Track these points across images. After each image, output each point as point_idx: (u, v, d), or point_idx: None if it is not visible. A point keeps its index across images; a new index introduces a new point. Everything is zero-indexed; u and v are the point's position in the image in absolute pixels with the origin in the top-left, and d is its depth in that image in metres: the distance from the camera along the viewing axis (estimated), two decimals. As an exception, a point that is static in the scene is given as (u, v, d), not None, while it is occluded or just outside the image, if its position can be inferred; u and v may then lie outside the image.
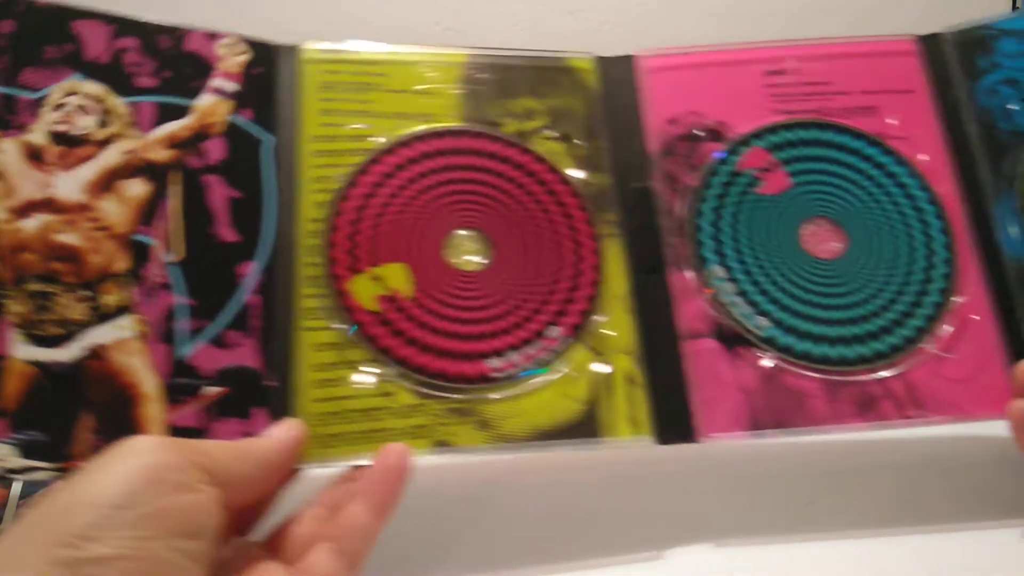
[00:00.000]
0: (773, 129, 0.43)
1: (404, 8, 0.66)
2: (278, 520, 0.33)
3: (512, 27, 0.68)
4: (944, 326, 0.40)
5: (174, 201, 0.37)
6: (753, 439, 0.38)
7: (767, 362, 0.39)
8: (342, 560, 0.31)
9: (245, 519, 0.33)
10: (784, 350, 0.39)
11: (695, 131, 0.43)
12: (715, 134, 0.43)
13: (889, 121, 0.44)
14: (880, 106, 0.44)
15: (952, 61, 0.44)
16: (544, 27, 0.68)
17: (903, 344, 0.39)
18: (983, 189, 0.42)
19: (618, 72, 0.44)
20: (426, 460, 0.35)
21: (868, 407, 0.38)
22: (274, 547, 0.32)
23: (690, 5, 0.70)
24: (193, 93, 0.38)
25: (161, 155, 0.37)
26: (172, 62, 0.38)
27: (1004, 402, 0.38)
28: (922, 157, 0.43)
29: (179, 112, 0.38)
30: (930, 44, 0.45)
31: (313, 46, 0.41)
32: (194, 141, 0.38)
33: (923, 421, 0.38)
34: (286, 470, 0.33)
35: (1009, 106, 0.43)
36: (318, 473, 0.35)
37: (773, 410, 0.38)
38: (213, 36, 0.39)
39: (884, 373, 0.39)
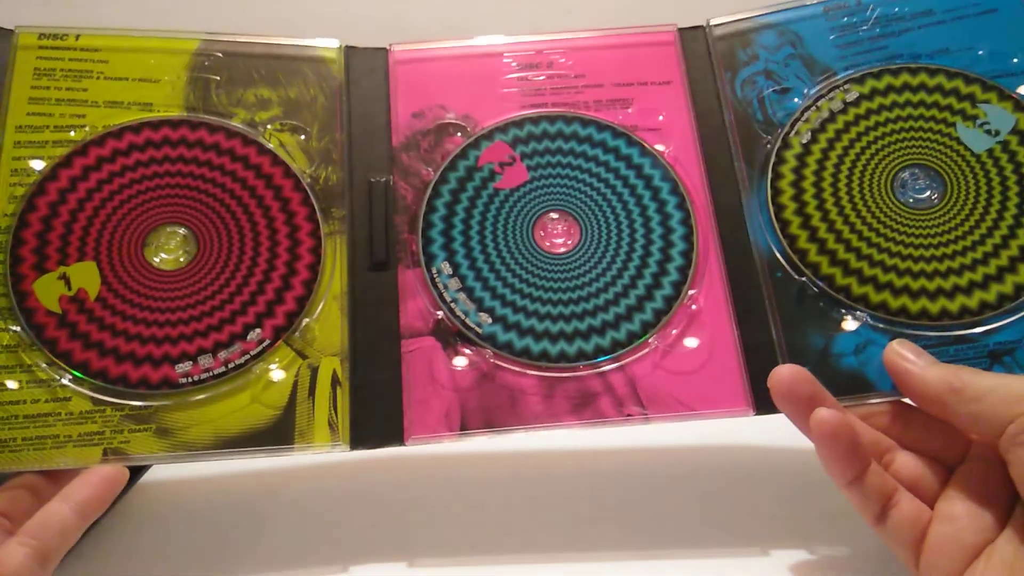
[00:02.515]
0: (518, 123, 0.42)
1: (409, 6, 0.64)
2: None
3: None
4: (674, 321, 0.38)
5: None
6: (459, 440, 0.36)
7: (483, 361, 0.37)
8: (35, 557, 0.30)
9: None
10: (503, 347, 0.37)
11: (439, 124, 0.42)
12: (459, 128, 0.42)
13: (641, 113, 0.42)
14: (634, 98, 0.43)
15: (713, 52, 0.43)
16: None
17: (627, 339, 0.38)
18: (736, 181, 0.41)
19: (366, 63, 0.43)
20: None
21: (585, 404, 0.37)
22: None
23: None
24: None
25: None
26: None
27: (733, 401, 0.37)
28: (671, 148, 0.42)
29: None
30: (690, 36, 0.44)
31: (31, 30, 0.40)
32: None
33: (643, 420, 0.36)
34: None
35: (764, 94, 0.42)
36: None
37: (485, 409, 0.36)
38: None
39: (605, 369, 0.37)
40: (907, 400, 0.35)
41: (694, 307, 0.38)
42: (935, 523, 0.32)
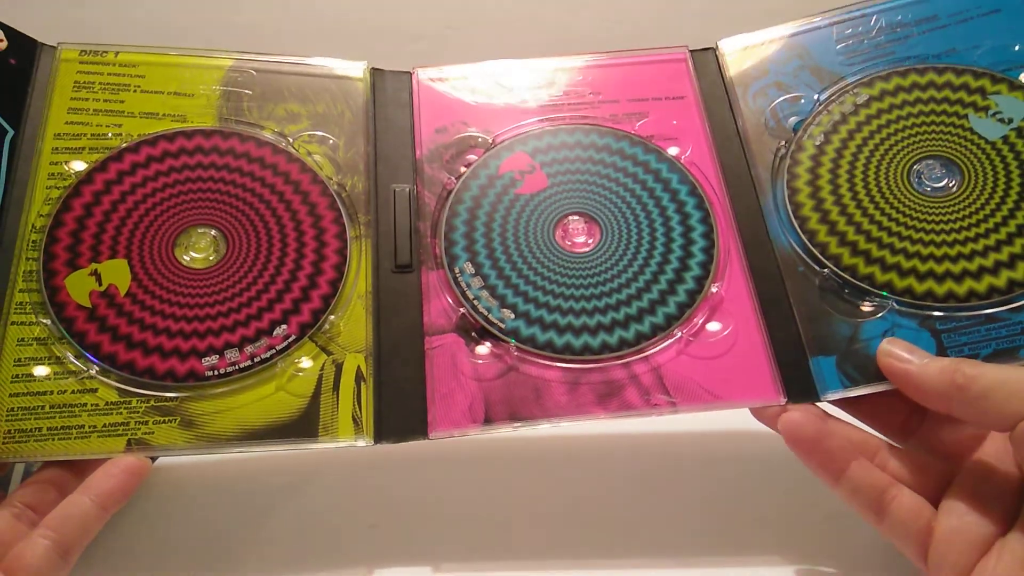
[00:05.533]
0: (537, 135, 0.43)
1: (416, 8, 0.66)
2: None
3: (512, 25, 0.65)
4: (699, 314, 0.38)
5: None
6: (483, 433, 0.35)
7: (507, 354, 0.37)
8: (55, 550, 0.30)
9: None
10: (526, 341, 0.37)
11: (460, 137, 0.43)
12: (480, 141, 0.43)
13: (656, 123, 0.44)
14: (649, 111, 0.44)
15: (723, 69, 0.45)
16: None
17: (651, 331, 0.37)
18: (753, 182, 0.41)
19: (392, 84, 0.45)
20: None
21: (611, 395, 0.36)
22: None
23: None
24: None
25: None
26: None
27: (764, 389, 0.36)
28: (687, 154, 0.42)
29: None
30: (701, 56, 0.46)
31: (73, 46, 0.42)
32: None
33: (671, 409, 0.36)
34: None
35: (775, 104, 0.43)
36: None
37: (510, 401, 0.36)
38: None
39: (629, 360, 0.37)
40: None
41: (715, 289, 0.38)
42: (942, 516, 0.32)
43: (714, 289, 0.38)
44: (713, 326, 0.37)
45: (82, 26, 0.49)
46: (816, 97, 0.42)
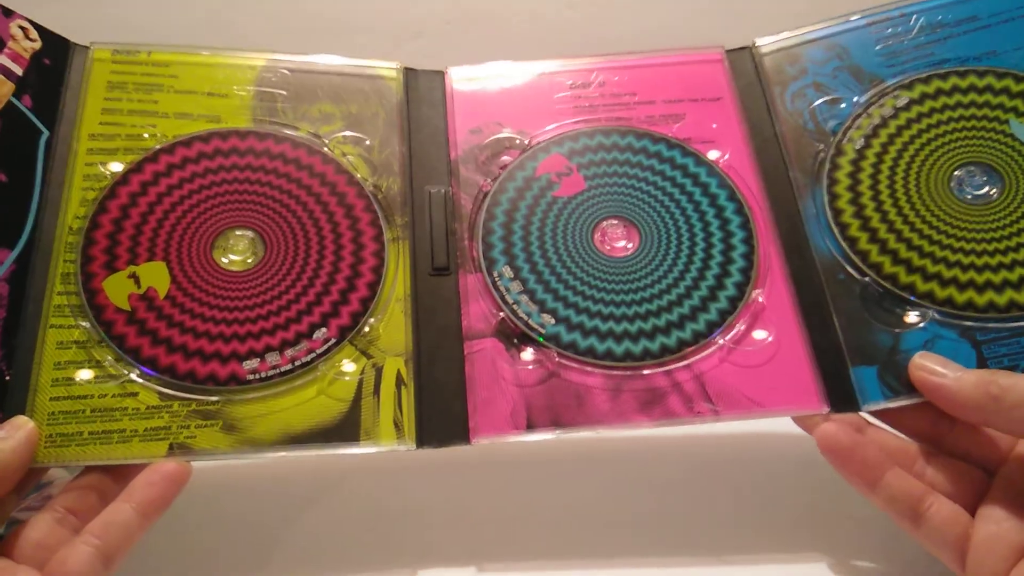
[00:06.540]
0: (573, 136, 0.43)
1: (415, 3, 0.64)
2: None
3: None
4: (740, 321, 0.38)
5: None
6: (525, 439, 0.35)
7: (548, 360, 0.37)
8: (98, 556, 0.30)
9: None
10: (567, 347, 0.37)
11: (495, 139, 0.43)
12: (515, 143, 0.43)
13: (694, 125, 0.43)
14: (686, 113, 0.44)
15: (761, 70, 0.44)
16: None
17: (692, 339, 0.37)
18: (792, 187, 0.41)
19: (424, 84, 0.44)
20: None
21: (653, 403, 0.36)
22: (9, 552, 0.30)
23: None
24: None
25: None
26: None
27: (806, 398, 0.36)
28: (726, 158, 0.42)
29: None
30: (737, 56, 0.45)
31: (106, 46, 0.41)
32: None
33: (714, 418, 0.36)
34: (21, 472, 0.32)
35: (814, 105, 0.43)
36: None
37: (552, 408, 0.36)
38: (8, 13, 0.39)
39: (671, 367, 0.37)
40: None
41: (758, 297, 0.38)
42: (979, 523, 0.32)
43: (756, 296, 0.38)
44: (758, 334, 0.37)
45: (102, 25, 0.48)
46: (855, 99, 0.42)
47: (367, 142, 0.42)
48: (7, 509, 0.32)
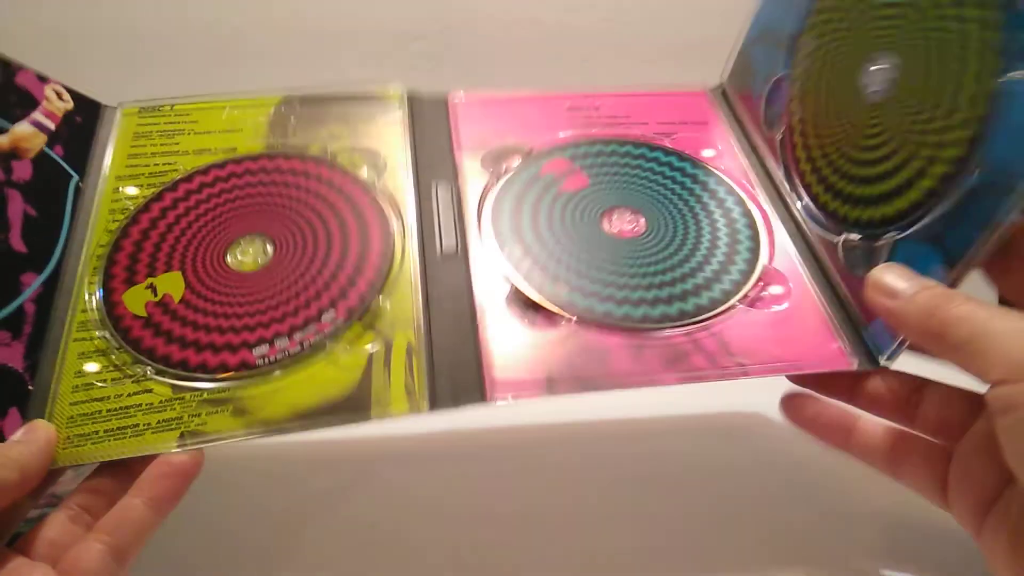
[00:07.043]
0: (575, 144, 0.45)
1: (415, 8, 0.66)
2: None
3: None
4: (756, 289, 0.37)
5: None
6: (546, 398, 0.33)
7: (566, 324, 0.36)
8: (111, 554, 0.29)
9: None
10: (585, 311, 0.36)
11: (500, 146, 0.44)
12: (519, 150, 0.44)
13: (686, 141, 0.45)
14: (678, 132, 0.46)
15: (733, 103, 0.47)
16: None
17: (709, 304, 0.37)
18: (779, 185, 0.42)
19: (428, 108, 0.46)
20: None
21: (678, 360, 0.35)
22: (26, 550, 0.30)
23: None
24: (13, 119, 0.39)
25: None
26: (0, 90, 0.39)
27: (831, 359, 0.35)
28: (720, 165, 0.44)
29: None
30: (719, 92, 0.48)
31: (133, 104, 0.44)
32: (5, 158, 0.37)
33: (741, 372, 0.34)
34: (42, 474, 0.31)
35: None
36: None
37: (573, 367, 0.34)
38: (44, 79, 0.41)
39: (691, 328, 0.36)
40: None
41: (769, 264, 0.38)
42: (960, 448, 0.30)
43: (768, 263, 0.38)
44: (774, 288, 0.37)
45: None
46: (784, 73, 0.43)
47: (373, 152, 0.43)
48: (24, 510, 0.32)
